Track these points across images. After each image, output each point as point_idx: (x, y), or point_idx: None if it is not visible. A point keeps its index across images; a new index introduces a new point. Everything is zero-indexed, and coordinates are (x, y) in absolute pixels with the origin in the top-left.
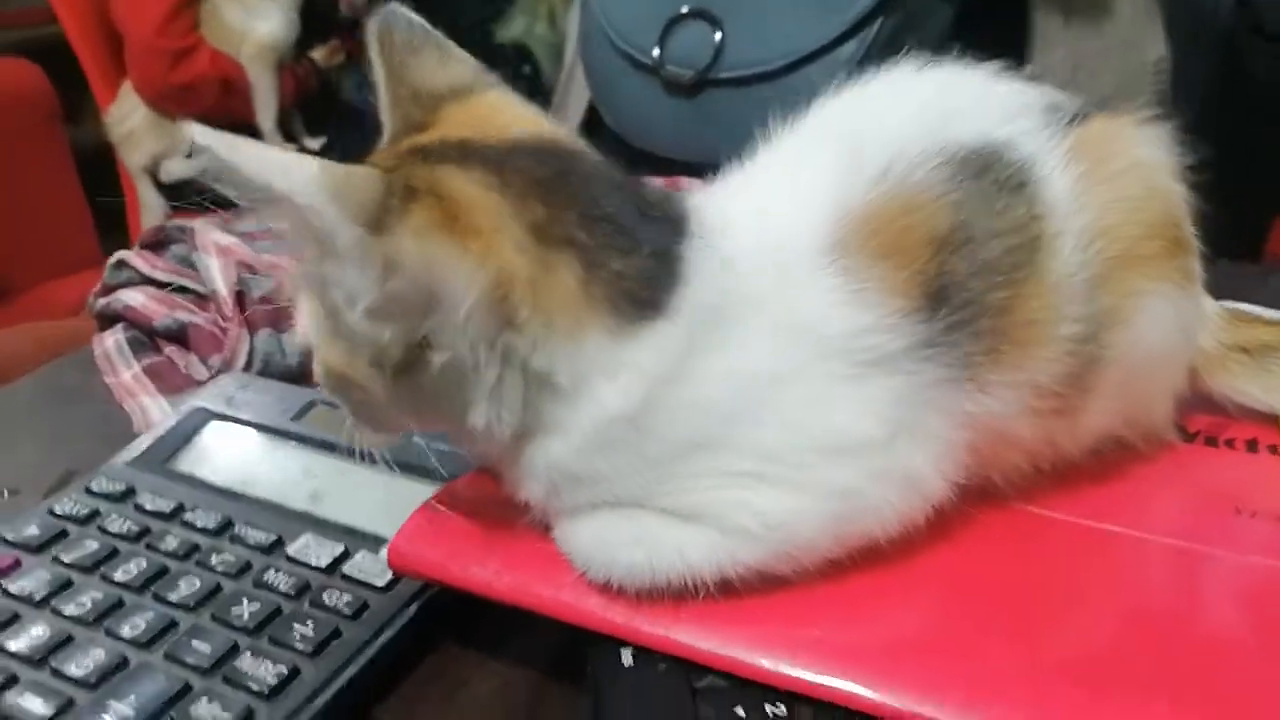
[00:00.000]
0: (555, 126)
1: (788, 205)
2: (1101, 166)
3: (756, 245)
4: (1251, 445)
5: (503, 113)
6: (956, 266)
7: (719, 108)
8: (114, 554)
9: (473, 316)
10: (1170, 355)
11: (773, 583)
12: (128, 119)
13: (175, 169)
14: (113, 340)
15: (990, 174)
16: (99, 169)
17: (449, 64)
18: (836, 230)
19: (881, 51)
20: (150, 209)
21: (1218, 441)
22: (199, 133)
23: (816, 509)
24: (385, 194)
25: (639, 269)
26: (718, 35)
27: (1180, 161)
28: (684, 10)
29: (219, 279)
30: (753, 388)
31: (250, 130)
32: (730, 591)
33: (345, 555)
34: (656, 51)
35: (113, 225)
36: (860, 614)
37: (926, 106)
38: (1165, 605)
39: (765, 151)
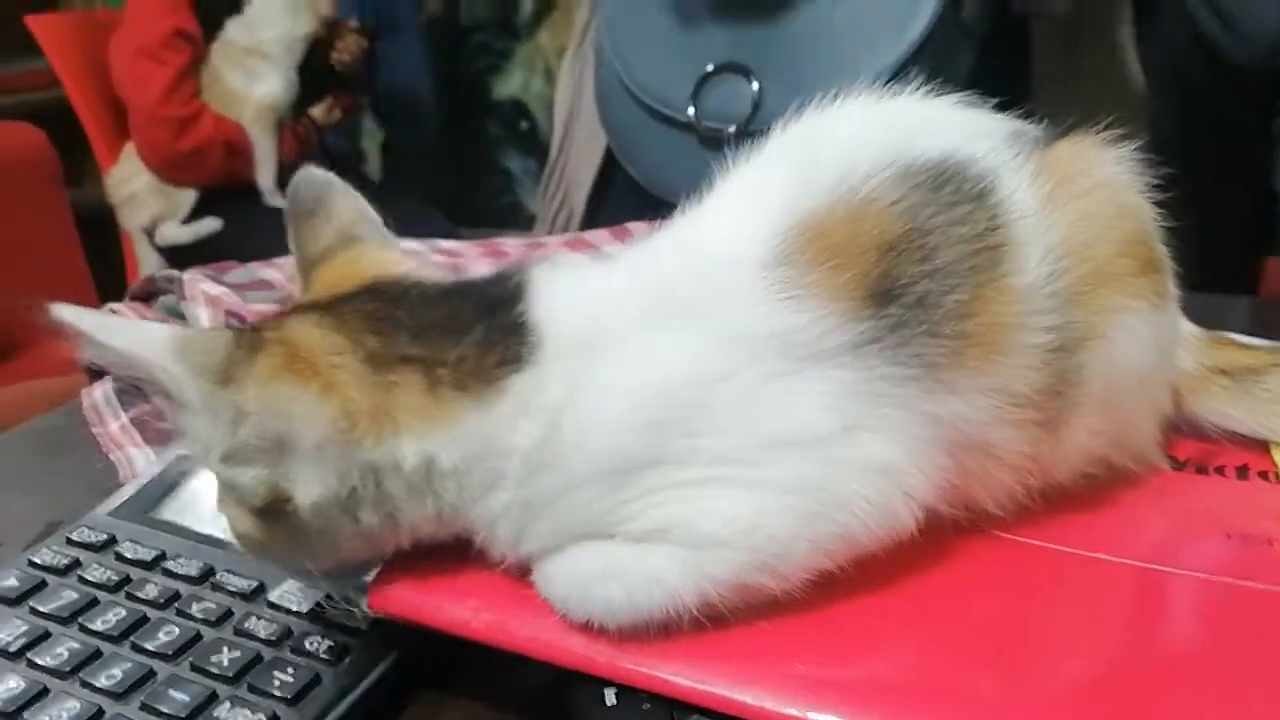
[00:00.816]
0: (400, 262)
1: (733, 219)
2: (1069, 185)
3: (691, 260)
4: (1242, 472)
5: (357, 263)
6: (907, 269)
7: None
8: (93, 603)
9: (324, 449)
10: (1150, 373)
11: (758, 606)
12: (128, 182)
13: (169, 234)
14: (101, 392)
15: (950, 185)
16: (99, 231)
17: (329, 222)
18: (779, 240)
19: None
20: (148, 268)
21: (1208, 469)
22: (68, 314)
23: (782, 505)
24: (233, 349)
25: (478, 346)
26: (755, 86)
27: (1149, 181)
28: (713, 67)
29: (207, 328)
30: (676, 394)
31: (252, 194)
32: (715, 618)
33: (328, 600)
34: (691, 110)
35: (112, 286)
36: (845, 649)
37: (884, 126)
38: (1157, 633)
39: (727, 175)
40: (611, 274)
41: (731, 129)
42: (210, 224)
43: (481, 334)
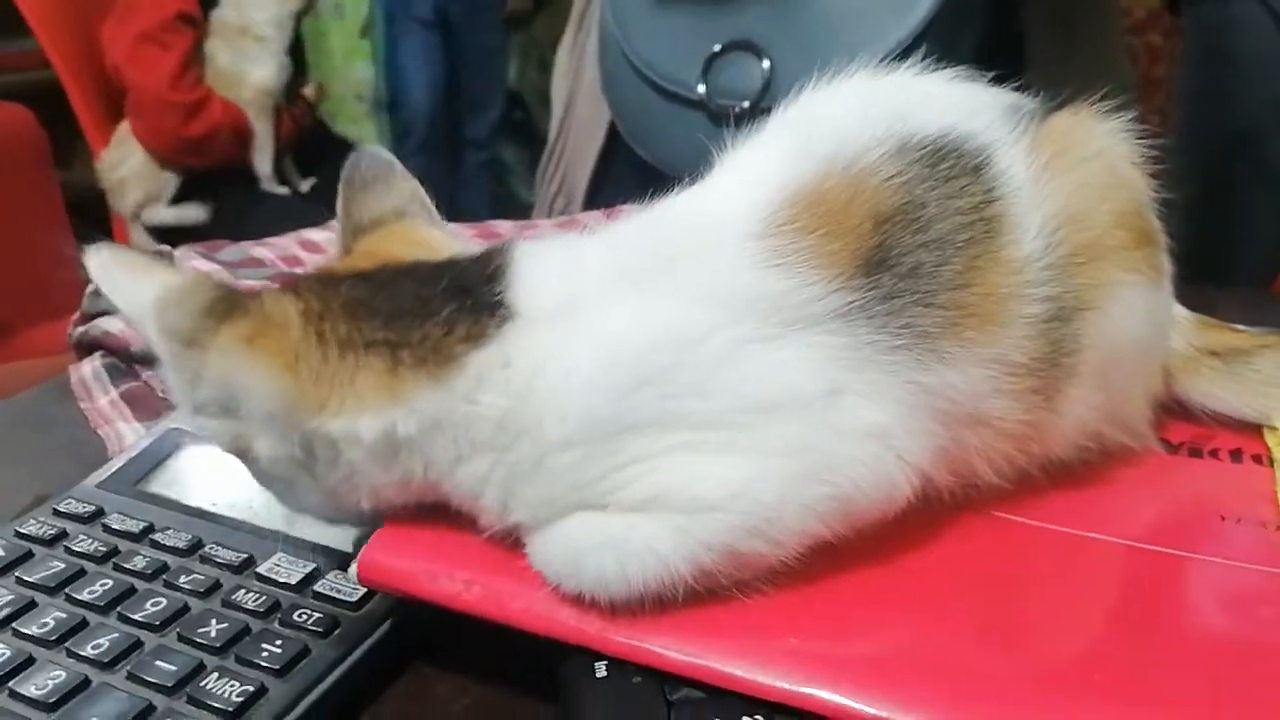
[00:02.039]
0: (444, 242)
1: (724, 190)
2: (1065, 156)
3: (676, 227)
4: (1236, 455)
5: (391, 240)
6: (902, 240)
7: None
8: (80, 574)
9: (274, 422)
10: (1144, 346)
11: (754, 579)
12: (120, 166)
13: (156, 216)
14: (90, 367)
15: (947, 159)
16: (89, 213)
17: (386, 197)
18: (770, 208)
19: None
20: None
21: (1202, 452)
22: (90, 261)
23: (771, 467)
24: (205, 314)
25: (441, 325)
26: (765, 64)
27: (1144, 152)
28: (722, 45)
29: None
30: (649, 355)
31: (248, 177)
32: (710, 590)
33: (317, 573)
34: (702, 88)
35: None
36: (840, 624)
37: (881, 101)
38: (1150, 612)
39: (726, 154)
40: (592, 243)
41: (742, 106)
42: (195, 213)
43: (450, 313)
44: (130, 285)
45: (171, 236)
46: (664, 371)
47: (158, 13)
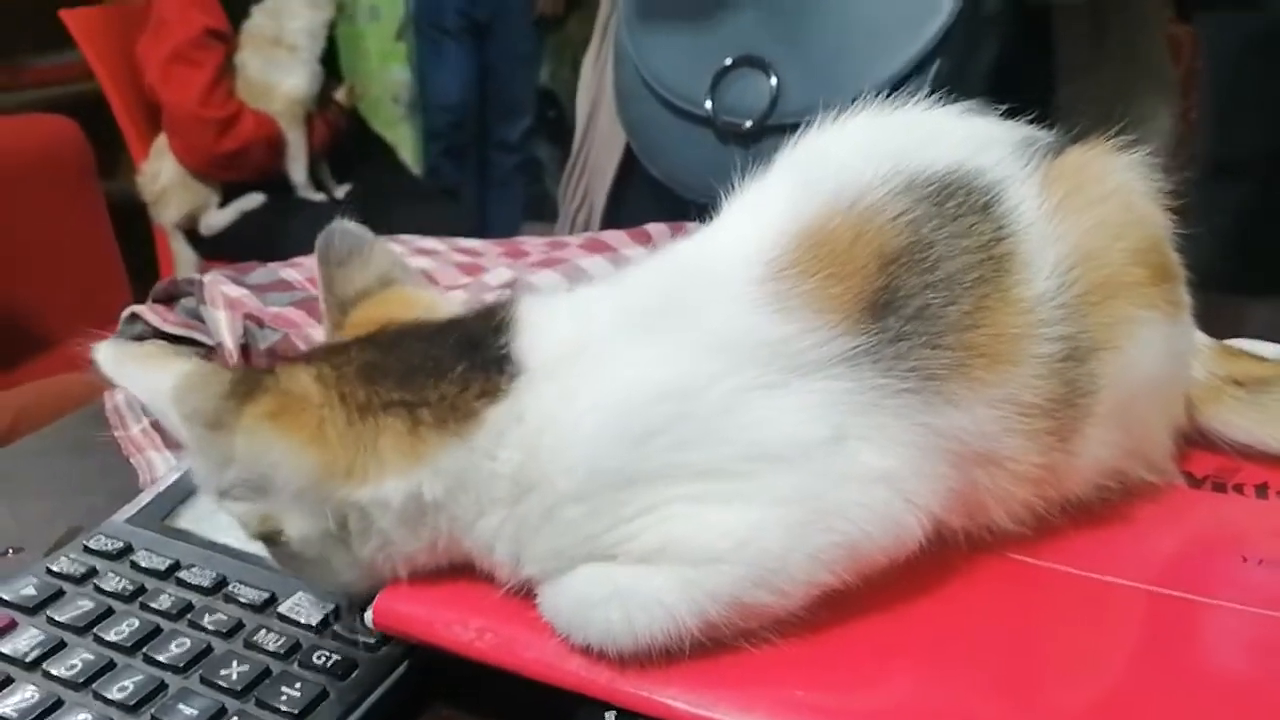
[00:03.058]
0: (433, 302)
1: (728, 233)
2: (1080, 193)
3: (681, 274)
4: (1261, 490)
5: (384, 306)
6: (909, 281)
7: (777, 154)
8: (108, 613)
9: (305, 497)
10: (1164, 383)
11: (761, 630)
12: (158, 178)
13: (214, 222)
14: (123, 395)
15: (955, 196)
16: (133, 222)
17: (366, 269)
18: (774, 251)
19: (938, 91)
20: (184, 263)
21: (1226, 487)
22: (100, 356)
23: (777, 518)
24: (226, 395)
25: (457, 383)
26: (773, 81)
27: (1160, 189)
28: (730, 61)
29: (225, 332)
30: (655, 406)
31: (284, 186)
32: (717, 641)
33: (336, 614)
34: (709, 104)
35: (145, 277)
36: (849, 675)
37: (887, 138)
38: (1168, 662)
39: (734, 195)
40: (595, 295)
41: (749, 123)
42: (253, 199)
43: (463, 371)
44: (144, 376)
45: (217, 247)
46: (669, 422)
47: (186, 30)
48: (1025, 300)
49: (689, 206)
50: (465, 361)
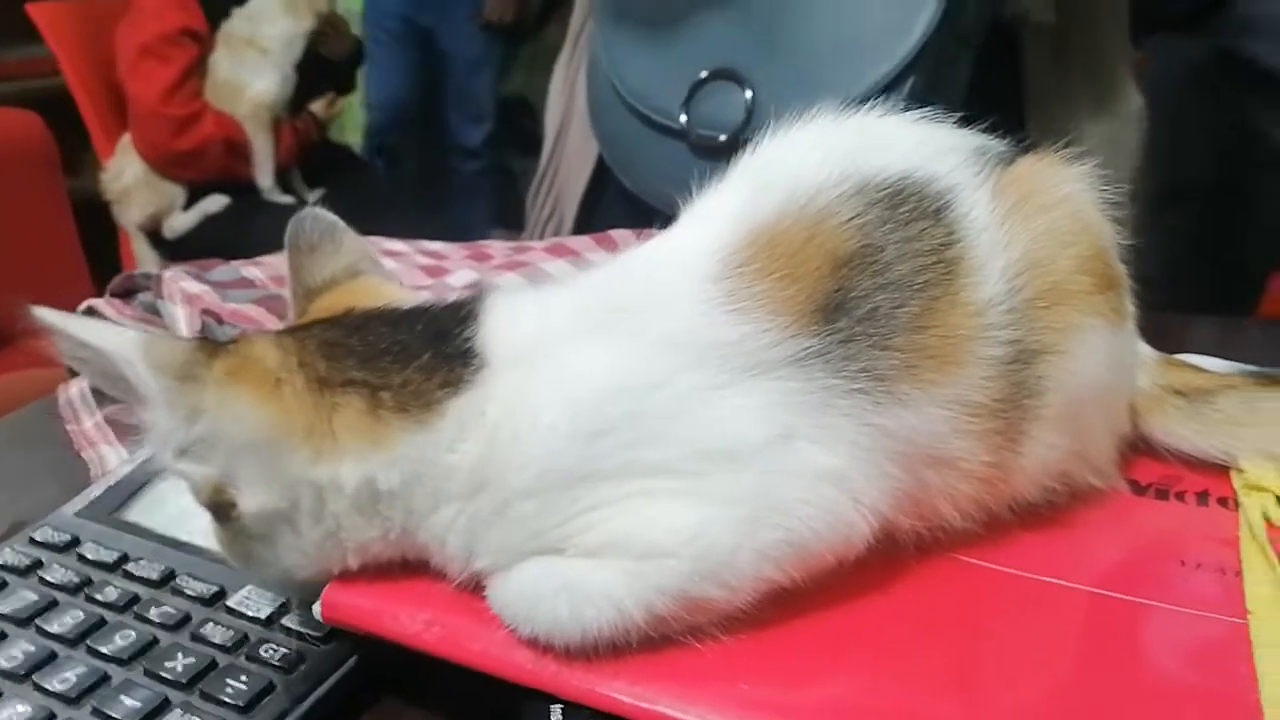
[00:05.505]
0: (399, 296)
1: (682, 237)
2: (1029, 202)
3: (635, 276)
4: (1202, 498)
5: (349, 295)
6: (859, 283)
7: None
8: (52, 605)
9: (266, 457)
10: (1107, 389)
11: (710, 625)
12: (121, 176)
13: (177, 224)
14: (77, 388)
15: (906, 201)
16: (96, 220)
17: (335, 258)
18: (726, 252)
19: (912, 107)
20: (144, 264)
21: (1168, 494)
22: (47, 315)
23: (726, 514)
24: (194, 352)
25: (422, 371)
26: (748, 94)
27: (1107, 199)
28: (706, 74)
29: (183, 327)
30: (607, 404)
31: (251, 189)
32: (665, 636)
33: (285, 607)
34: (684, 117)
35: (107, 275)
36: (795, 671)
37: (840, 144)
38: (1107, 660)
39: (697, 197)
40: (557, 294)
41: (723, 137)
42: (216, 200)
43: (428, 360)
44: (102, 331)
45: (182, 249)
46: (621, 420)
47: (159, 25)
48: (974, 304)
49: (661, 218)
50: (431, 350)
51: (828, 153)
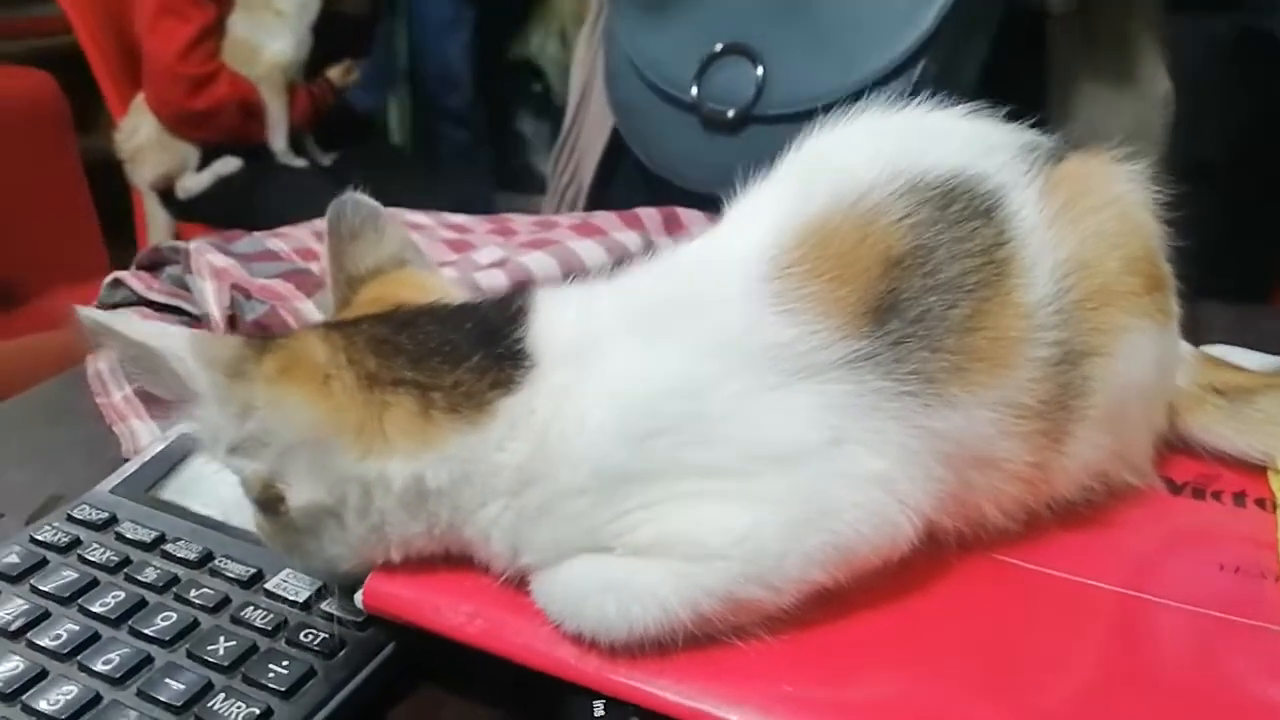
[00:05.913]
0: (441, 288)
1: (733, 235)
2: (1079, 202)
3: (687, 275)
4: (1239, 499)
5: (396, 285)
6: (911, 284)
7: (761, 144)
8: (93, 584)
9: (315, 454)
10: (1151, 390)
11: (753, 625)
12: (135, 135)
13: (190, 184)
14: (106, 361)
15: (957, 200)
16: (109, 178)
17: (379, 246)
18: (777, 252)
19: (924, 91)
20: (157, 224)
21: (1205, 494)
22: (95, 316)
23: (775, 516)
24: (244, 349)
25: (473, 371)
26: (759, 71)
27: (1157, 198)
28: (720, 47)
29: (212, 302)
30: (661, 404)
31: (264, 152)
32: (708, 633)
33: (323, 591)
34: (695, 90)
35: (120, 234)
36: (837, 671)
37: (889, 141)
38: (1145, 665)
39: (740, 197)
40: (607, 292)
41: (732, 113)
42: (230, 163)
43: (479, 360)
44: (152, 330)
45: (195, 209)
46: (673, 420)
47: None
48: (1024, 305)
49: (674, 189)
50: (482, 350)
51: (878, 148)
